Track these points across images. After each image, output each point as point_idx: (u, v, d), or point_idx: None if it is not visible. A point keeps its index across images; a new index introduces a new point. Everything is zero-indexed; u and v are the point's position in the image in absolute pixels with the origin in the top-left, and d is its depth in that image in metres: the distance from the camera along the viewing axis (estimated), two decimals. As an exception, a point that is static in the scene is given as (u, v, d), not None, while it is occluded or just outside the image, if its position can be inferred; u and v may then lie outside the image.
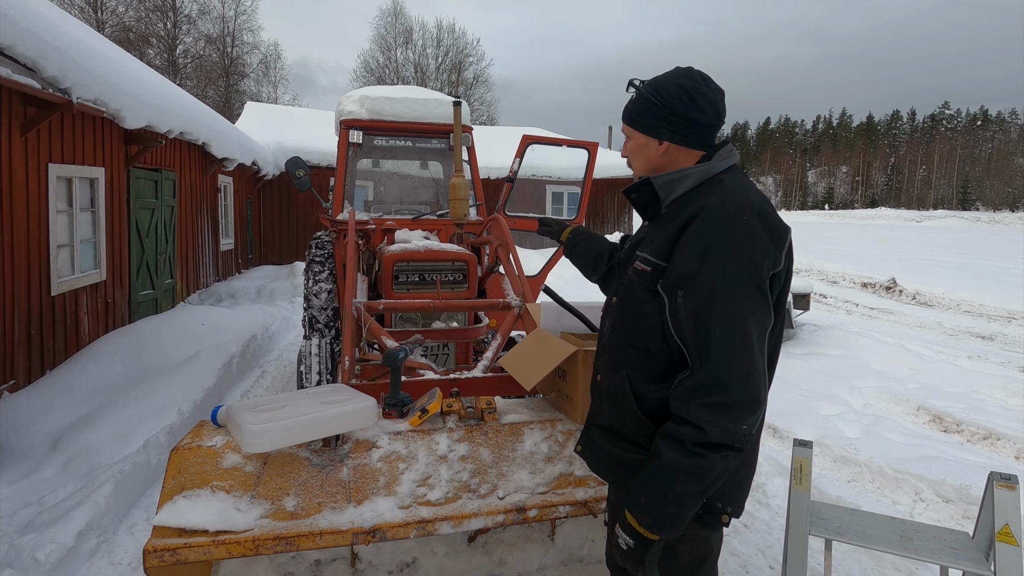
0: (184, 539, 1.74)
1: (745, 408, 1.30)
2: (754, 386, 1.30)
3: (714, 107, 1.51)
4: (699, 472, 1.33)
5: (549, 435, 2.21)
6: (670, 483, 1.36)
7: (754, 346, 1.31)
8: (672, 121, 1.51)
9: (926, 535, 2.07)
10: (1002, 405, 5.50)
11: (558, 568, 2.62)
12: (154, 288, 8.04)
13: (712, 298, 1.33)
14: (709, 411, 1.30)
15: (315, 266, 4.84)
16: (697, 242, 1.38)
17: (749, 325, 1.32)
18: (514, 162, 5.12)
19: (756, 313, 1.33)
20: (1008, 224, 46.93)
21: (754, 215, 1.38)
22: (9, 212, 4.81)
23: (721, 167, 1.51)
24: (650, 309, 1.47)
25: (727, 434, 1.30)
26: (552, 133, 21.08)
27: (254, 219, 15.57)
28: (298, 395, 2.11)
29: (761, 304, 1.34)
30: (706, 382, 1.31)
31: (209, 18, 38.78)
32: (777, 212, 1.45)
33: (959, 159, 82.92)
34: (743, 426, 1.31)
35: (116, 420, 4.24)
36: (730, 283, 1.32)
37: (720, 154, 1.53)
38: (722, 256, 1.34)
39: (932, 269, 15.55)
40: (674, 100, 1.50)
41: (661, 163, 1.57)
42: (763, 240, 1.36)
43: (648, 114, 1.54)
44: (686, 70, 1.55)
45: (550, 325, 2.42)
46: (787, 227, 1.41)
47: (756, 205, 1.40)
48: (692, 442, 1.32)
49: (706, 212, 1.40)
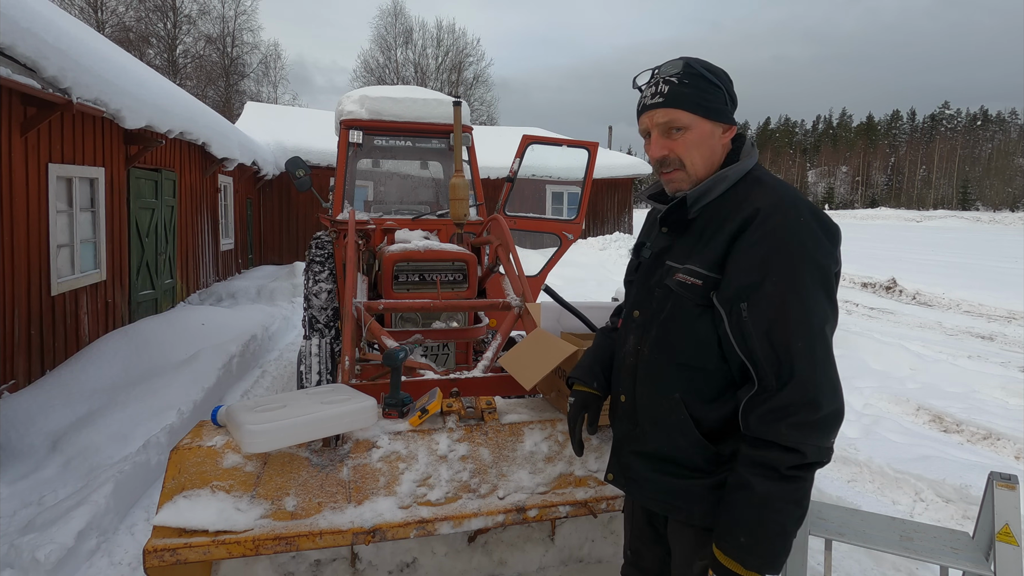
0: (184, 539, 1.74)
1: (836, 422, 1.24)
2: (840, 397, 1.25)
3: None
4: (799, 496, 1.25)
5: (549, 435, 2.21)
6: (772, 515, 1.24)
7: (832, 356, 1.26)
8: (733, 106, 1.42)
9: (926, 535, 2.07)
10: (1002, 405, 5.50)
11: (558, 568, 2.62)
12: (154, 288, 8.04)
13: (786, 310, 1.24)
14: (802, 431, 1.22)
15: (315, 266, 4.84)
16: (757, 249, 1.28)
17: (827, 334, 1.26)
18: (514, 162, 5.12)
19: (830, 320, 1.28)
20: (1008, 224, 46.93)
21: (811, 216, 1.29)
22: (9, 212, 4.81)
23: (750, 164, 1.41)
24: (702, 324, 1.36)
25: (820, 451, 1.24)
26: (551, 133, 21.08)
27: (254, 219, 15.56)
28: (298, 395, 2.11)
29: (833, 310, 1.28)
30: (795, 400, 1.22)
31: (209, 18, 38.82)
32: None
33: (959, 159, 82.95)
34: (832, 440, 1.25)
35: (116, 420, 4.24)
36: (803, 291, 1.24)
37: (745, 150, 1.43)
38: (789, 263, 1.25)
39: (932, 269, 15.55)
40: (730, 84, 1.41)
41: (721, 155, 1.43)
42: (823, 241, 1.28)
43: (716, 98, 1.39)
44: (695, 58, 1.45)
45: (550, 325, 2.42)
46: (838, 225, 1.34)
47: (808, 205, 1.32)
48: (788, 466, 1.23)
49: (761, 216, 1.29)
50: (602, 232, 20.28)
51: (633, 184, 21.98)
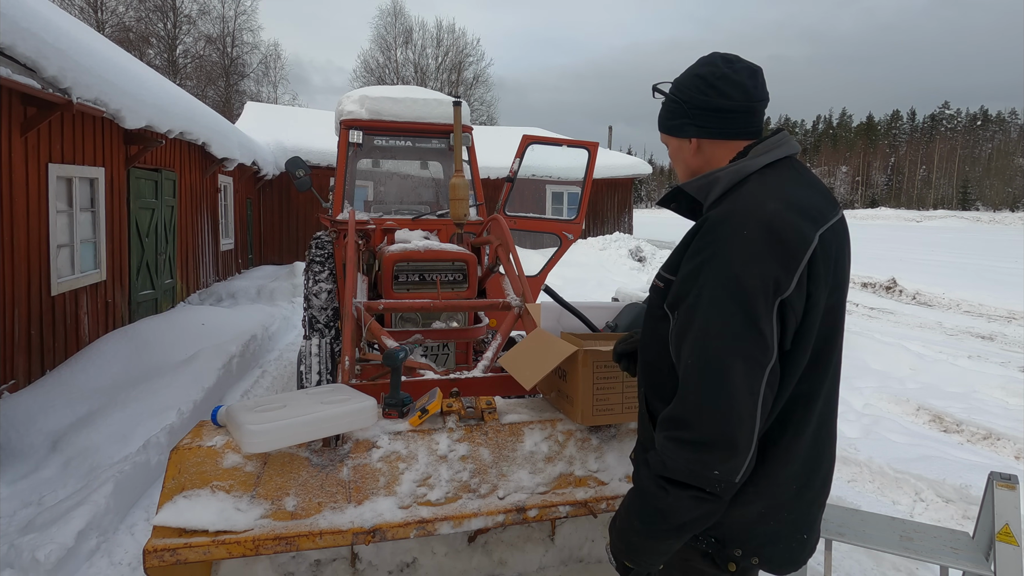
0: (184, 539, 1.74)
1: (713, 450, 1.16)
2: (726, 428, 1.15)
3: (740, 88, 1.34)
4: (663, 508, 1.21)
5: (549, 435, 2.21)
6: (636, 513, 1.27)
7: (733, 383, 1.15)
8: (695, 115, 1.38)
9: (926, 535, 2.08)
10: (1002, 405, 5.50)
11: (558, 568, 2.62)
12: (154, 288, 8.04)
13: (689, 325, 1.21)
14: (670, 445, 1.20)
15: (315, 266, 4.84)
16: (692, 260, 1.25)
17: (728, 359, 1.16)
18: (514, 162, 5.13)
19: (741, 346, 1.16)
20: (1008, 224, 46.93)
21: (759, 228, 1.18)
22: (9, 212, 4.81)
23: (756, 165, 1.32)
24: (662, 327, 1.36)
25: (691, 475, 1.17)
26: (551, 133, 21.09)
27: (254, 219, 15.57)
28: (298, 395, 2.11)
29: (749, 335, 1.16)
30: (675, 414, 1.21)
31: (209, 18, 38.85)
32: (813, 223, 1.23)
33: (959, 159, 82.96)
34: (714, 471, 1.16)
35: (116, 420, 4.24)
36: (709, 309, 1.18)
37: (758, 148, 1.34)
38: (708, 277, 1.19)
39: (932, 269, 15.55)
40: (693, 92, 1.37)
41: (698, 164, 1.43)
42: (761, 259, 1.17)
43: (673, 115, 1.43)
44: (707, 57, 1.41)
45: (550, 325, 2.42)
46: (806, 242, 1.19)
47: (768, 216, 1.20)
48: (655, 472, 1.22)
49: (708, 225, 1.26)
50: (602, 232, 20.28)
51: (633, 184, 21.98)
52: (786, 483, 1.32)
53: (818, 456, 1.37)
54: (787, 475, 1.32)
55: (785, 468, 1.31)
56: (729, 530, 1.32)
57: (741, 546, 1.33)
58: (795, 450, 1.31)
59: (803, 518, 1.38)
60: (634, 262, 16.07)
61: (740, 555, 1.32)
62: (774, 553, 1.35)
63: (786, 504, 1.33)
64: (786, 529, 1.35)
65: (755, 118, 1.38)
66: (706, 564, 1.36)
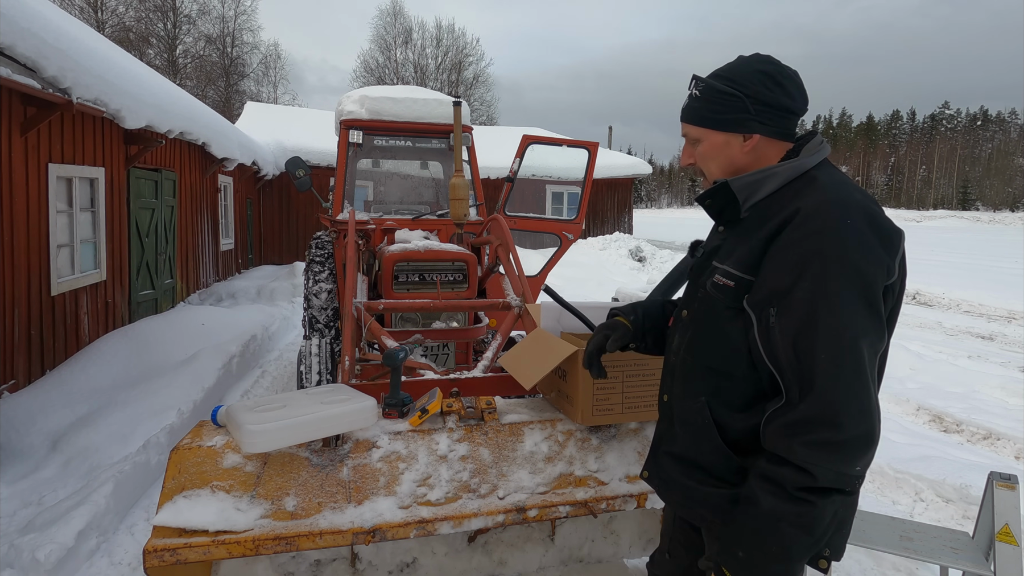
0: (184, 539, 1.74)
1: (859, 447, 1.12)
2: (869, 421, 1.12)
3: (801, 91, 1.36)
4: (807, 522, 1.15)
5: (549, 435, 2.21)
6: (774, 536, 1.17)
7: (867, 374, 1.13)
8: (760, 111, 1.33)
9: (926, 535, 2.08)
10: (1002, 405, 5.50)
11: (558, 568, 2.62)
12: (154, 288, 8.04)
13: (814, 317, 1.15)
14: (816, 451, 1.13)
15: (315, 266, 4.84)
16: (792, 251, 1.20)
17: (861, 349, 1.14)
18: (514, 162, 5.13)
19: (869, 334, 1.15)
20: (1008, 224, 46.93)
21: (861, 217, 1.19)
22: (9, 212, 4.81)
23: (812, 162, 1.32)
24: (733, 329, 1.30)
25: (838, 477, 1.13)
26: (550, 133, 21.08)
27: (254, 219, 15.57)
28: (298, 395, 2.11)
29: (874, 323, 1.16)
30: (812, 416, 1.13)
31: (209, 18, 38.84)
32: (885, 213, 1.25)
33: (959, 159, 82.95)
34: (857, 467, 1.13)
35: (116, 420, 4.24)
36: (837, 299, 1.14)
37: (809, 147, 1.33)
38: (824, 267, 1.15)
39: (932, 269, 15.55)
40: (759, 87, 1.33)
41: (746, 162, 1.38)
42: (873, 247, 1.17)
43: (728, 108, 1.35)
44: (760, 56, 1.39)
45: (550, 325, 2.42)
46: (900, 230, 1.22)
47: (862, 205, 1.21)
48: (796, 487, 1.14)
49: (801, 216, 1.21)
50: (602, 232, 20.28)
51: (633, 184, 21.98)
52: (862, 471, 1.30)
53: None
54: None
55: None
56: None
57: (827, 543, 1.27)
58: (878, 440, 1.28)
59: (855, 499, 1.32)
60: (634, 262, 16.08)
61: (820, 552, 1.26)
62: (840, 543, 1.30)
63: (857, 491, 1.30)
64: (850, 513, 1.30)
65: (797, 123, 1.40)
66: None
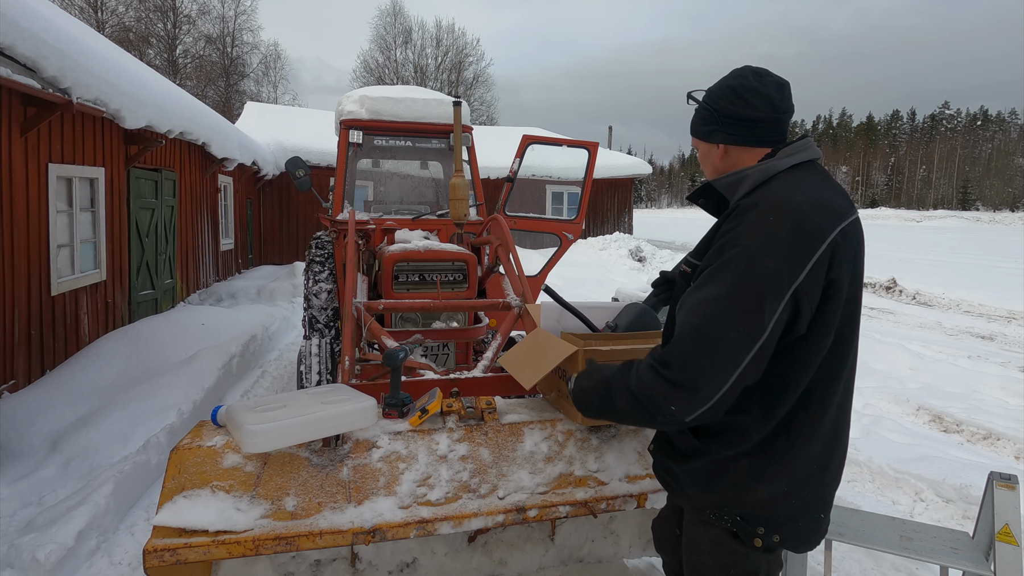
0: (184, 539, 1.74)
1: (677, 390, 1.29)
2: (699, 377, 1.27)
3: (767, 101, 1.46)
4: (609, 389, 1.48)
5: (549, 435, 2.21)
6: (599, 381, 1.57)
7: (722, 350, 1.26)
8: (724, 123, 1.50)
9: (926, 535, 2.08)
10: (1002, 405, 5.50)
11: (558, 568, 2.62)
12: (154, 288, 8.04)
13: (702, 288, 1.33)
14: (648, 370, 1.36)
15: (315, 266, 4.84)
16: (720, 240, 1.36)
17: (727, 329, 1.26)
18: (514, 162, 5.13)
19: (739, 319, 1.26)
20: (1008, 224, 46.92)
21: (785, 217, 1.30)
22: (9, 212, 4.81)
23: (784, 164, 1.43)
24: None
25: (647, 395, 1.35)
26: (550, 133, 21.08)
27: (254, 219, 15.56)
28: (298, 395, 2.11)
29: (751, 309, 1.26)
30: (662, 355, 1.35)
31: (209, 18, 38.86)
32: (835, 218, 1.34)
33: (959, 159, 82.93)
34: (671, 405, 1.31)
35: (116, 420, 4.24)
36: (725, 280, 1.29)
37: (786, 151, 1.45)
38: (732, 255, 1.30)
39: (932, 269, 15.55)
40: (723, 102, 1.49)
41: (724, 167, 1.54)
42: (780, 245, 1.27)
43: (704, 121, 1.55)
44: (739, 70, 1.53)
45: (550, 325, 2.42)
46: (823, 238, 1.29)
47: (794, 206, 1.31)
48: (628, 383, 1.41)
49: (737, 211, 1.37)
50: (602, 232, 20.28)
51: (633, 184, 21.98)
52: (808, 462, 1.42)
53: (836, 438, 1.47)
54: (809, 454, 1.41)
55: (807, 446, 1.40)
56: (753, 509, 1.43)
57: (764, 524, 1.43)
58: (818, 430, 1.40)
59: (822, 498, 1.48)
60: (634, 262, 16.07)
61: (763, 532, 1.42)
62: (794, 531, 1.44)
63: (807, 483, 1.43)
64: (806, 507, 1.44)
65: (779, 128, 1.49)
66: (734, 542, 1.46)
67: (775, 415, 1.38)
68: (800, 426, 1.38)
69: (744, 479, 1.42)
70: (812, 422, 1.39)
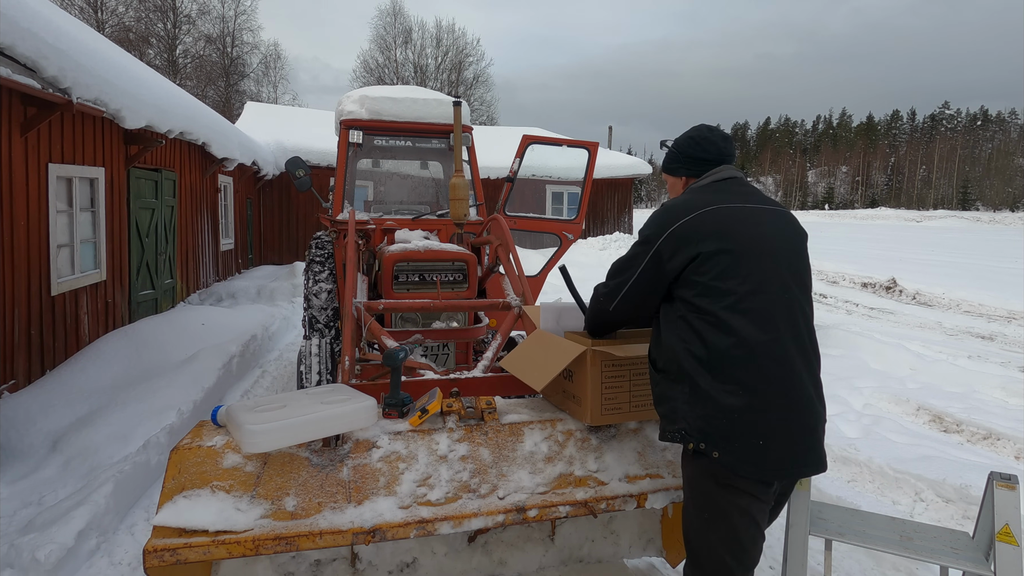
0: (184, 539, 1.74)
1: (603, 297, 2.09)
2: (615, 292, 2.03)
3: (715, 147, 2.07)
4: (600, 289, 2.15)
5: (549, 435, 2.21)
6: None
7: (620, 280, 2.00)
8: (685, 161, 2.12)
9: (926, 535, 2.08)
10: (1002, 405, 5.50)
11: (558, 568, 2.62)
12: (154, 288, 8.04)
13: None
14: (601, 287, 2.12)
15: (315, 266, 4.84)
16: None
17: (619, 266, 2.04)
18: (514, 162, 5.13)
19: (628, 265, 1.99)
20: (1008, 224, 46.93)
21: (663, 209, 1.95)
22: (9, 212, 4.81)
23: (699, 184, 2.06)
24: None
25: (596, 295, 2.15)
26: (550, 133, 21.07)
27: (254, 219, 15.56)
28: (298, 395, 2.11)
29: (631, 258, 1.98)
30: (601, 285, 2.12)
31: (209, 18, 38.85)
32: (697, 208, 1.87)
33: (959, 159, 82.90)
34: (600, 299, 2.12)
35: (116, 420, 4.24)
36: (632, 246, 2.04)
37: (704, 176, 2.08)
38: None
39: (932, 269, 15.55)
40: (686, 147, 2.12)
41: (680, 190, 2.17)
42: (652, 223, 1.94)
43: (672, 160, 2.18)
44: (698, 126, 2.15)
45: (549, 326, 2.42)
46: (677, 218, 1.87)
47: (673, 203, 1.96)
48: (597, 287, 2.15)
49: None
50: (602, 232, 20.28)
51: (633, 184, 21.97)
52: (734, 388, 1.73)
53: (785, 379, 1.74)
54: (736, 379, 1.72)
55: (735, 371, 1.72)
56: (688, 424, 1.80)
57: (700, 437, 1.77)
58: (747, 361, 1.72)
59: (761, 427, 1.71)
60: (634, 262, 16.04)
61: (697, 446, 1.77)
62: (727, 447, 1.73)
63: (737, 409, 1.72)
64: (736, 429, 1.72)
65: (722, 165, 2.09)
66: (688, 453, 1.85)
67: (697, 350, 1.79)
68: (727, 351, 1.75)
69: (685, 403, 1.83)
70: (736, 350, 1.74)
